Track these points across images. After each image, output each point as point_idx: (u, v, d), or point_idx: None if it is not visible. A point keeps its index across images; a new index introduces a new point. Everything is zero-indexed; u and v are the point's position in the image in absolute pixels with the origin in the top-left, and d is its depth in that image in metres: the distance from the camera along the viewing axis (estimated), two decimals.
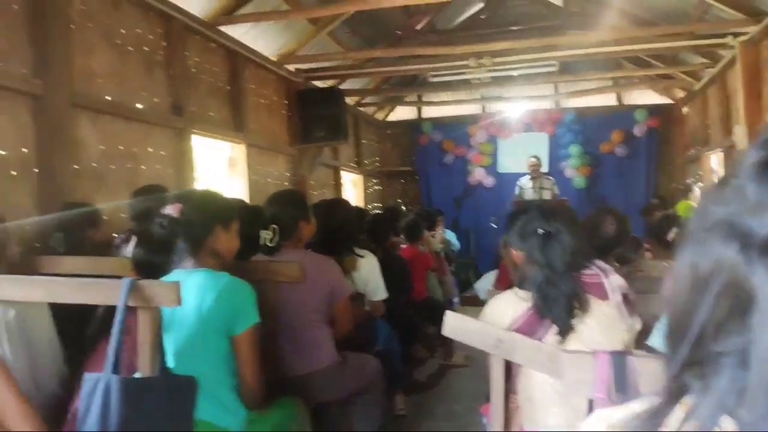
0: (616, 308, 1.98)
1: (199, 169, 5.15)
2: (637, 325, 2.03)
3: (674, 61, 8.36)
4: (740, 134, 6.29)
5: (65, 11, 3.67)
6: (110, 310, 1.89)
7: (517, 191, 8.19)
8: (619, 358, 1.56)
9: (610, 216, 3.12)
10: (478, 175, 10.24)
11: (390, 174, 10.90)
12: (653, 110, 9.63)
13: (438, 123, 10.58)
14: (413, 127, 10.74)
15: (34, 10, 3.48)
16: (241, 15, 5.40)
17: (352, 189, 9.62)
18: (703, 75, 8.01)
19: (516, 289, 2.06)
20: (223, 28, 5.46)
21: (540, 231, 1.97)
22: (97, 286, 1.93)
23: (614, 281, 2.02)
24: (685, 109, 9.43)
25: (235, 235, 2.21)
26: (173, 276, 2.02)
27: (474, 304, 4.79)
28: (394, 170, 10.88)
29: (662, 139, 9.75)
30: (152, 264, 2.22)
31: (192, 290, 1.96)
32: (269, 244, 2.60)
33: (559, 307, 1.90)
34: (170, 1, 4.68)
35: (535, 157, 8.23)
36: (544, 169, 8.91)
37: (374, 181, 10.56)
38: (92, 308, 2.08)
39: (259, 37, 6.14)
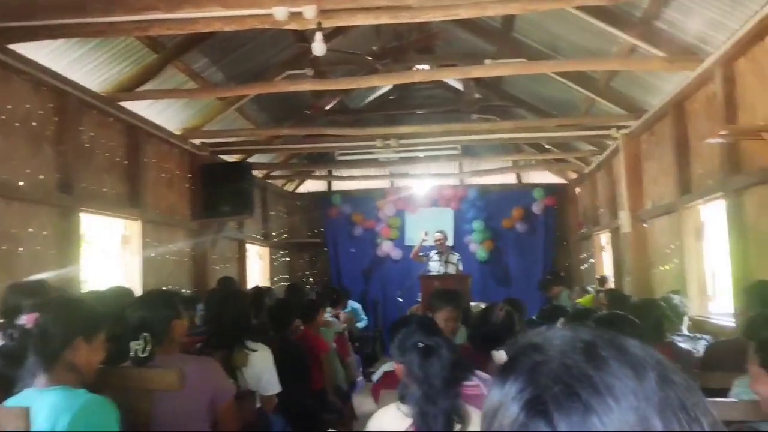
0: None
1: (87, 249, 4.86)
2: None
3: (567, 147, 8.99)
4: (624, 219, 6.78)
5: None
6: None
7: (424, 256, 8.29)
8: None
9: (500, 305, 3.23)
10: (386, 248, 10.36)
11: (298, 246, 10.80)
12: (549, 190, 10.24)
13: (347, 196, 10.71)
14: (323, 199, 10.79)
15: None
16: (143, 91, 5.30)
17: (258, 261, 9.41)
18: (592, 160, 8.64)
19: (398, 404, 2.04)
20: (123, 103, 5.32)
21: (420, 345, 1.98)
22: None
23: None
24: (577, 190, 10.09)
25: (101, 348, 2.04)
26: (22, 397, 1.84)
27: None
28: (303, 242, 10.79)
29: (558, 217, 10.33)
30: (8, 378, 2.02)
31: (43, 413, 1.78)
32: (141, 355, 2.40)
33: (437, 424, 1.89)
34: (66, 76, 4.52)
35: (441, 232, 8.43)
36: (450, 243, 9.13)
37: (282, 252, 10.41)
38: None
39: (162, 111, 6.03)
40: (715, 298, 5.21)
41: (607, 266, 8.56)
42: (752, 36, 3.78)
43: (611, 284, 7.63)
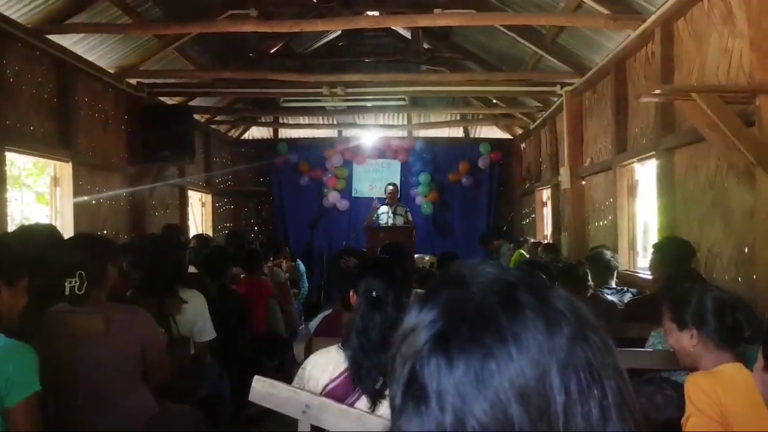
0: None
1: (18, 192, 4.62)
2: None
3: (514, 103, 9.06)
4: (564, 175, 6.94)
5: None
6: None
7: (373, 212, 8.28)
8: None
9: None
10: (333, 198, 10.31)
11: (243, 194, 10.62)
12: (495, 144, 10.34)
13: (294, 144, 10.53)
14: (269, 146, 10.57)
15: None
16: (72, 24, 4.97)
17: (201, 209, 9.21)
18: (537, 116, 8.75)
19: (338, 346, 2.04)
20: (51, 37, 4.99)
21: (373, 294, 1.95)
22: None
23: None
24: (522, 146, 10.24)
25: (22, 293, 1.98)
26: None
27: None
28: (248, 190, 10.62)
29: (503, 171, 10.49)
30: None
31: None
32: (78, 292, 2.30)
33: (369, 378, 1.88)
34: None
35: (393, 184, 8.44)
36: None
37: (226, 200, 10.21)
38: None
39: (95, 47, 5.69)
40: (645, 254, 5.45)
41: (547, 221, 8.80)
42: None
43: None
